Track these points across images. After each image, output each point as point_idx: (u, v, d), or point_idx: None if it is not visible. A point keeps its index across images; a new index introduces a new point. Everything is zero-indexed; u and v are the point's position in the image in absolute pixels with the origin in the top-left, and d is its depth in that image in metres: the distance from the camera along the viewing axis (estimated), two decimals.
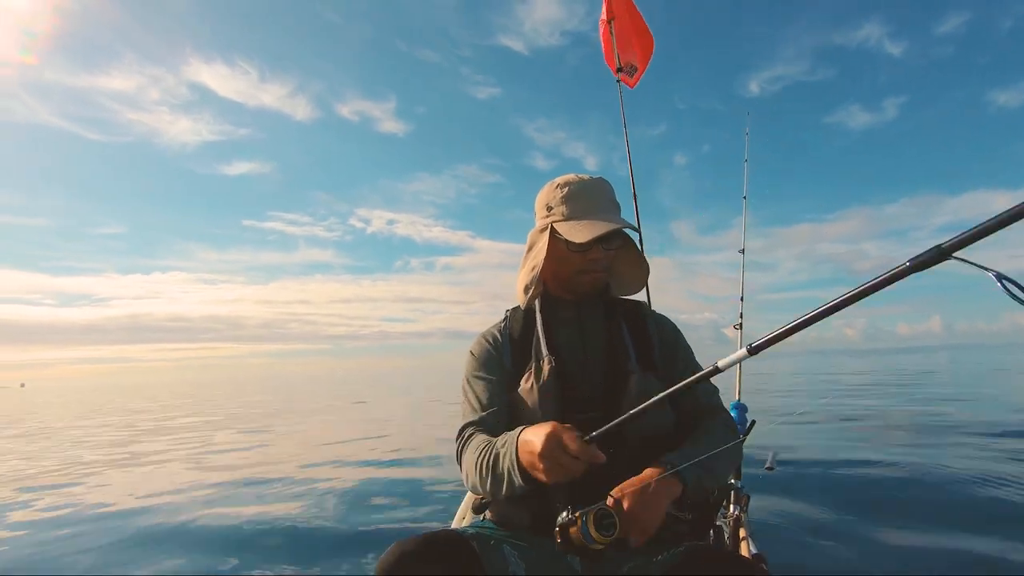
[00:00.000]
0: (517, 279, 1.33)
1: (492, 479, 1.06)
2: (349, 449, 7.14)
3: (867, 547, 2.79)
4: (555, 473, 0.94)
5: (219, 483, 5.25)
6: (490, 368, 1.27)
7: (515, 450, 1.01)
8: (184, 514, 4.09)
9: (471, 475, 1.12)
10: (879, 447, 5.43)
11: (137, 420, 14.92)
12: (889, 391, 12.17)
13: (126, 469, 6.44)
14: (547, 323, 1.28)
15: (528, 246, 1.33)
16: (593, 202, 1.24)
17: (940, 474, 4.13)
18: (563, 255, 1.25)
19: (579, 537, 0.92)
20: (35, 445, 9.66)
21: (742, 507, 2.02)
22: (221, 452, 7.52)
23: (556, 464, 0.93)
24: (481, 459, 1.09)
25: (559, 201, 1.25)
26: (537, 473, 0.96)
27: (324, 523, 3.66)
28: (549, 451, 0.93)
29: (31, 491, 5.32)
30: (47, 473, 6.36)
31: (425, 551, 0.94)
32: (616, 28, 3.11)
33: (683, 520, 1.08)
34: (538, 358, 1.23)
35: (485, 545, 1.02)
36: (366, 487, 4.76)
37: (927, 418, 7.47)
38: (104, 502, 4.63)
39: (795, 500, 3.56)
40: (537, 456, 0.94)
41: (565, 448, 0.93)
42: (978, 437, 5.67)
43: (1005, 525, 3.03)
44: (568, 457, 0.92)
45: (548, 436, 0.94)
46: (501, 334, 1.32)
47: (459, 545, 0.99)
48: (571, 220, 1.22)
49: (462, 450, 1.19)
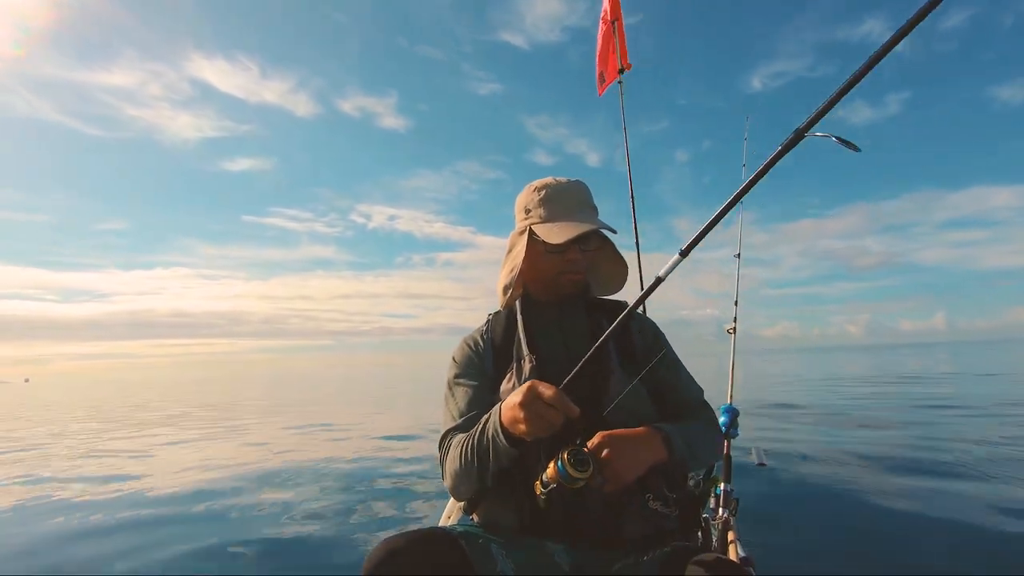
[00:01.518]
0: (497, 281, 1.37)
1: (477, 457, 1.09)
2: (335, 445, 7.14)
3: (858, 551, 2.77)
4: (535, 423, 0.97)
5: (220, 478, 5.27)
6: (472, 374, 1.29)
7: (498, 413, 1.06)
8: (185, 508, 4.12)
9: (453, 468, 1.14)
10: (868, 445, 5.46)
11: (134, 415, 14.97)
12: (887, 393, 12.12)
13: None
14: (528, 325, 1.31)
15: (508, 248, 1.36)
16: (570, 204, 1.28)
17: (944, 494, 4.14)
18: (541, 256, 1.28)
19: (556, 476, 0.98)
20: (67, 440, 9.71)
21: (731, 510, 2.01)
22: (219, 448, 7.54)
23: (535, 414, 0.97)
24: (466, 444, 1.12)
25: (537, 204, 1.29)
26: (520, 427, 1.00)
27: (310, 520, 3.65)
28: (528, 400, 0.98)
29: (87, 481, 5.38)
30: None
31: (413, 549, 0.94)
32: (618, 31, 3.15)
33: (669, 516, 1.10)
34: (519, 359, 1.26)
35: (473, 544, 1.02)
36: (352, 483, 4.74)
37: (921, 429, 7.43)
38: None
39: (786, 504, 3.54)
40: (518, 407, 0.99)
41: (541, 396, 0.97)
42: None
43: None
44: (545, 405, 0.97)
45: (527, 388, 0.99)
46: (483, 338, 1.34)
47: (447, 543, 0.99)
48: (548, 222, 1.26)
49: (444, 454, 1.20)
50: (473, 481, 1.12)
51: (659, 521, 1.11)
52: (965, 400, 9.31)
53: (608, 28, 3.21)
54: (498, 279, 1.36)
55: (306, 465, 5.76)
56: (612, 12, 3.20)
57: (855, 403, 9.61)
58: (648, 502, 1.07)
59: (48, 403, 24.19)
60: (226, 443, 8.04)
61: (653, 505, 1.07)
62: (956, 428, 6.37)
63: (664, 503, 1.08)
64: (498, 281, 1.36)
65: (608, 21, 3.22)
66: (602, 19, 3.29)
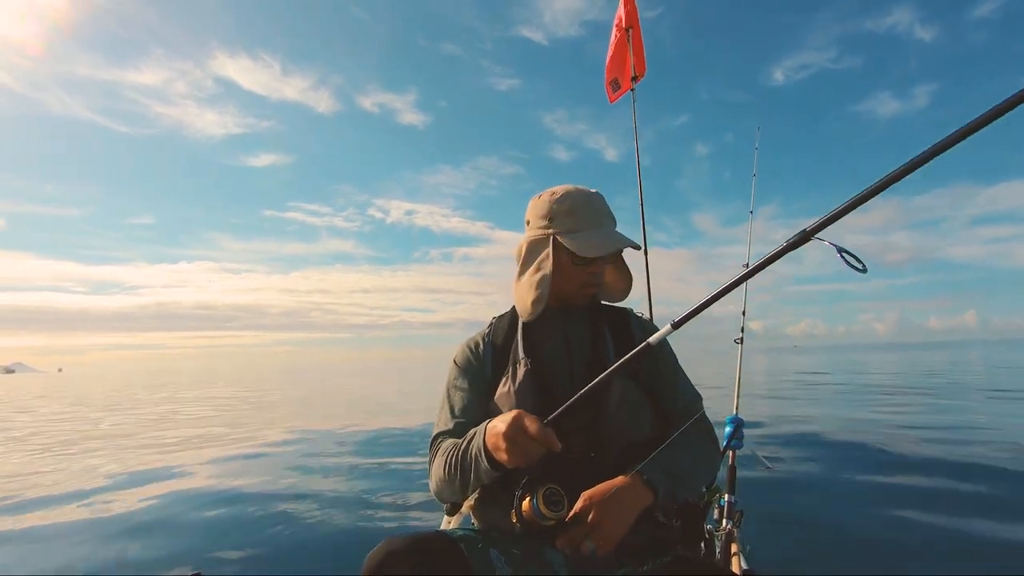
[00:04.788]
0: (516, 289, 1.31)
1: (460, 470, 1.11)
2: (335, 444, 7.09)
3: (867, 566, 2.70)
4: (515, 454, 0.99)
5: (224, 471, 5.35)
6: (470, 378, 1.30)
7: (483, 435, 1.07)
8: (187, 505, 4.17)
9: (439, 474, 1.17)
10: (878, 449, 5.29)
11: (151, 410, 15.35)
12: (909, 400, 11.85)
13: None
14: (529, 329, 1.30)
15: (523, 255, 1.31)
16: (596, 217, 1.26)
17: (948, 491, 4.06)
18: (566, 268, 1.26)
19: (530, 512, 1.00)
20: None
21: (735, 522, 1.99)
22: (222, 445, 7.53)
23: (516, 445, 0.98)
24: (451, 454, 1.14)
25: (562, 213, 1.26)
26: (501, 455, 1.01)
27: (309, 521, 3.65)
28: (511, 432, 0.98)
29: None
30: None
31: (413, 551, 0.95)
32: (633, 38, 3.13)
33: (670, 527, 1.09)
34: (515, 362, 1.26)
35: (472, 548, 1.03)
36: (352, 483, 4.71)
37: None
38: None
39: (791, 515, 3.43)
40: (501, 436, 1.00)
41: (525, 430, 0.98)
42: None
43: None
44: (527, 438, 0.98)
45: (513, 418, 1.00)
46: (484, 341, 1.35)
47: (447, 546, 1.00)
48: (576, 233, 1.24)
49: (432, 458, 1.22)
50: (456, 491, 1.15)
51: (660, 531, 1.10)
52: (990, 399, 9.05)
53: (623, 36, 3.19)
54: (516, 287, 1.31)
55: (307, 464, 5.74)
56: (628, 19, 3.18)
57: (872, 405, 9.39)
58: (649, 512, 1.06)
59: (109, 390, 24.79)
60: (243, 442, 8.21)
61: (654, 515, 1.06)
62: (982, 430, 6.19)
63: (665, 513, 1.07)
64: (518, 290, 1.30)
65: (623, 29, 3.20)
66: (616, 26, 3.27)
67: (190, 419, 11.52)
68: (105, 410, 15.00)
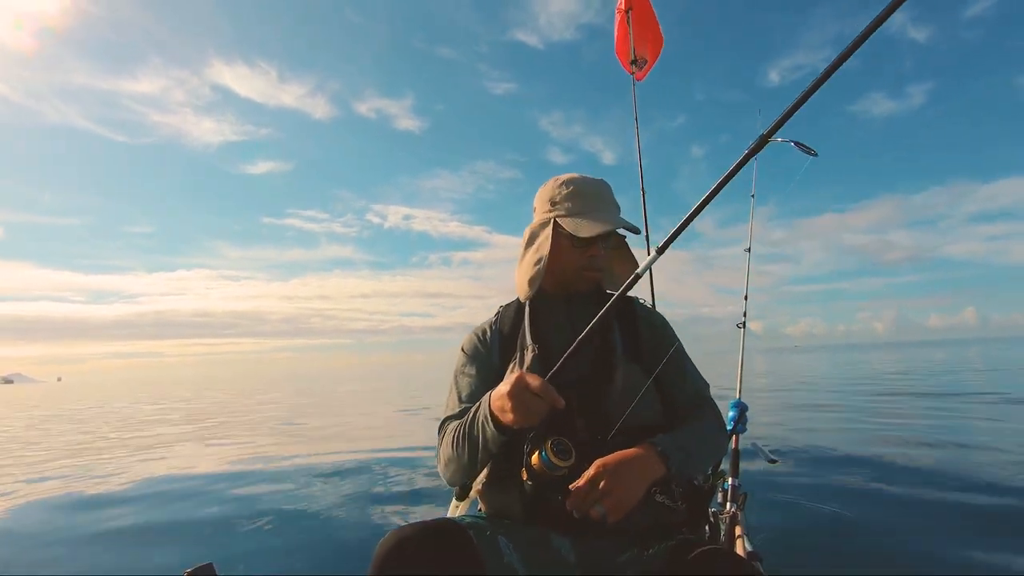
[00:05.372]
0: (517, 272, 1.36)
1: (468, 441, 1.13)
2: (342, 441, 7.20)
3: (868, 549, 2.70)
4: (521, 412, 1.01)
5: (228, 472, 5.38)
6: (477, 365, 1.32)
7: (488, 401, 1.09)
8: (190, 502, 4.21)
9: (447, 453, 1.19)
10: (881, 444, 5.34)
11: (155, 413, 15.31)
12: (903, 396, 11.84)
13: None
14: (536, 316, 1.33)
15: (526, 240, 1.36)
16: (597, 201, 1.29)
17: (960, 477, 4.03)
18: (565, 250, 1.29)
19: (540, 465, 1.02)
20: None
21: (739, 505, 2.02)
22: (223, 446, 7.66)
23: (521, 403, 1.00)
24: (458, 430, 1.16)
25: (564, 197, 1.30)
26: (507, 416, 1.03)
27: (319, 512, 3.71)
28: (515, 390, 1.01)
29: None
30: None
31: (423, 538, 0.96)
32: (633, 19, 3.08)
33: (675, 510, 1.10)
34: (522, 348, 1.29)
35: (481, 535, 1.05)
36: (359, 476, 4.79)
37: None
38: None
39: (795, 499, 3.47)
40: (505, 396, 1.02)
41: (528, 387, 1.00)
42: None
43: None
44: (531, 395, 1.00)
45: (516, 378, 1.03)
46: (491, 328, 1.37)
47: (457, 534, 1.02)
48: (576, 216, 1.27)
49: (440, 440, 1.24)
50: (464, 467, 1.16)
51: (665, 515, 1.12)
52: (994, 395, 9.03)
53: (623, 17, 3.13)
54: (518, 270, 1.35)
55: (310, 462, 5.82)
56: (627, 1, 3.12)
57: (875, 402, 9.36)
58: (654, 496, 1.07)
59: (104, 399, 24.85)
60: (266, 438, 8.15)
61: (659, 499, 1.07)
62: (981, 427, 6.18)
63: (670, 497, 1.08)
64: (518, 272, 1.35)
65: (623, 11, 3.14)
66: (617, 10, 3.21)
67: (190, 419, 11.51)
68: (86, 419, 14.90)
